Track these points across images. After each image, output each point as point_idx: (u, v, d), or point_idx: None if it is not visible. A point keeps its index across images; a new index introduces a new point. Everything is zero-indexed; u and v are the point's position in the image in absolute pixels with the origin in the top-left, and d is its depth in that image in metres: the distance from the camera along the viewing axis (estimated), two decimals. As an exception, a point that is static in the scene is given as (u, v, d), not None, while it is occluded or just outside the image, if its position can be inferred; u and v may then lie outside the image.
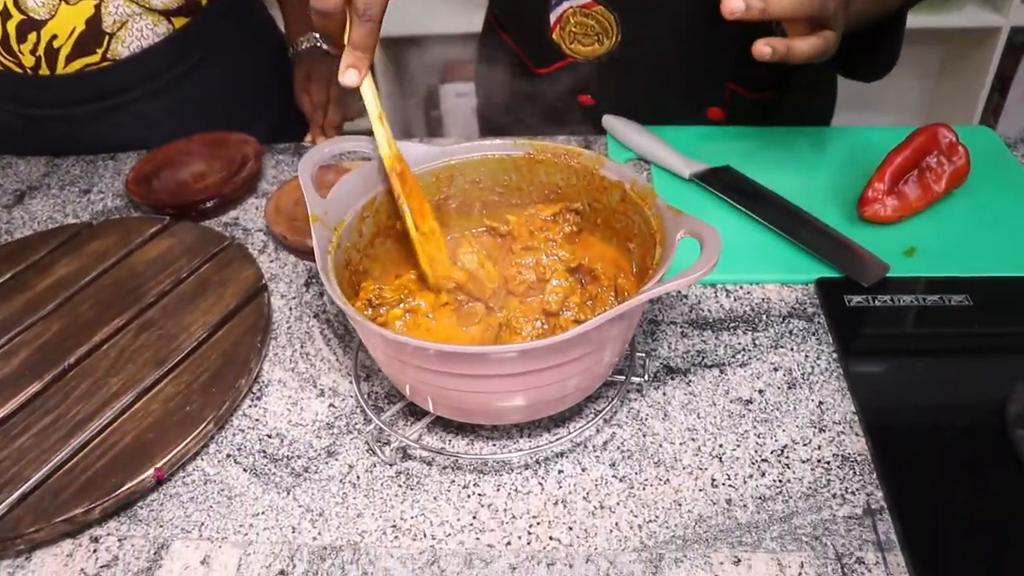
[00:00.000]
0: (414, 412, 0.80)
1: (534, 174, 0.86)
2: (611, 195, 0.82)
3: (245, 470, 0.76)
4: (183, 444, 0.75)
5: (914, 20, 1.02)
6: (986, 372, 0.83)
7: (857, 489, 0.72)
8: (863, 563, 0.67)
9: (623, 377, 0.80)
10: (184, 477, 0.76)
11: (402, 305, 0.79)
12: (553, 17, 1.14)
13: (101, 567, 0.69)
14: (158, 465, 0.73)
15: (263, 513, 0.73)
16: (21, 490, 0.71)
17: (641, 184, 0.79)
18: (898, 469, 0.73)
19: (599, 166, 0.82)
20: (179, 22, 1.19)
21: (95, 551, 0.70)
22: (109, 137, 1.22)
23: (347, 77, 0.78)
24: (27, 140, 1.23)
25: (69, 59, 1.13)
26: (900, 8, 1.00)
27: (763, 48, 0.83)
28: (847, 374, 0.82)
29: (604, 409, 0.78)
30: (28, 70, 1.14)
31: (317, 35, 1.34)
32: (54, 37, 1.11)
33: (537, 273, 0.82)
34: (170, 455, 0.74)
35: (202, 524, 0.72)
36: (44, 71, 1.14)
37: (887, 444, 0.75)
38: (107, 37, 1.14)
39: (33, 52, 1.12)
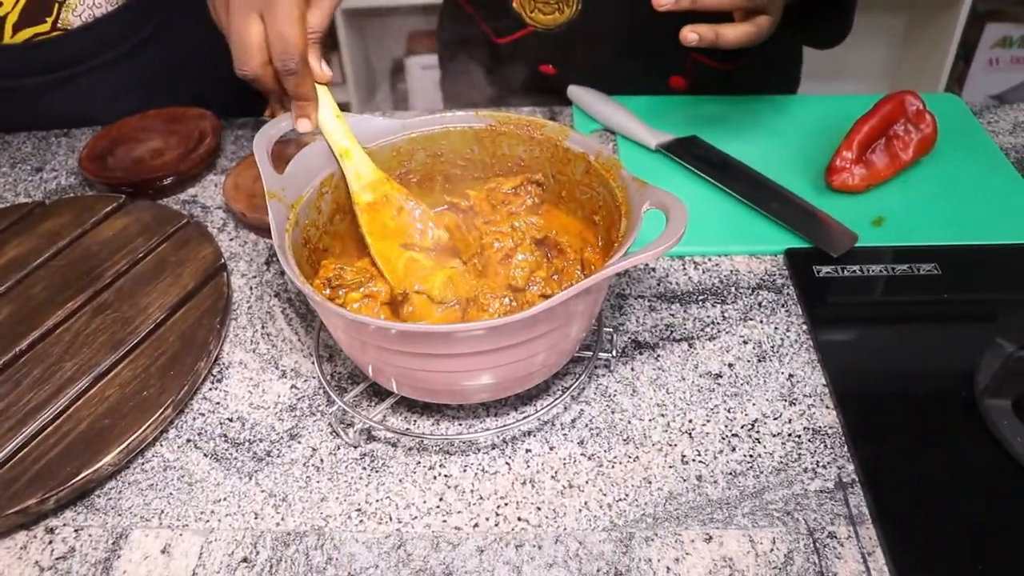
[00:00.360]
0: (378, 393, 0.79)
1: (497, 146, 0.85)
2: (575, 167, 0.80)
3: (206, 455, 0.75)
4: (141, 430, 0.73)
5: (879, -13, 1.02)
6: (955, 341, 0.82)
7: (828, 462, 0.72)
8: (835, 537, 0.66)
9: (591, 353, 0.79)
10: (143, 464, 0.74)
11: (362, 289, 0.77)
12: None
13: (57, 559, 0.67)
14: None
15: (225, 499, 0.71)
16: (-29, 481, 0.69)
17: (606, 155, 0.77)
18: (869, 441, 0.72)
19: (563, 137, 0.81)
20: (132, -9, 1.16)
21: (50, 542, 0.68)
22: (62, 111, 1.19)
23: (301, 126, 0.79)
24: (-25, 114, 1.20)
25: (17, 28, 1.09)
26: None
27: (689, 35, 0.83)
28: (817, 345, 0.81)
29: (572, 386, 0.76)
30: None
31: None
32: None
33: (515, 239, 0.80)
34: (128, 441, 0.72)
35: (162, 512, 0.70)
36: None
37: (857, 416, 0.74)
38: (57, 5, 1.10)
39: None
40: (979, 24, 2.56)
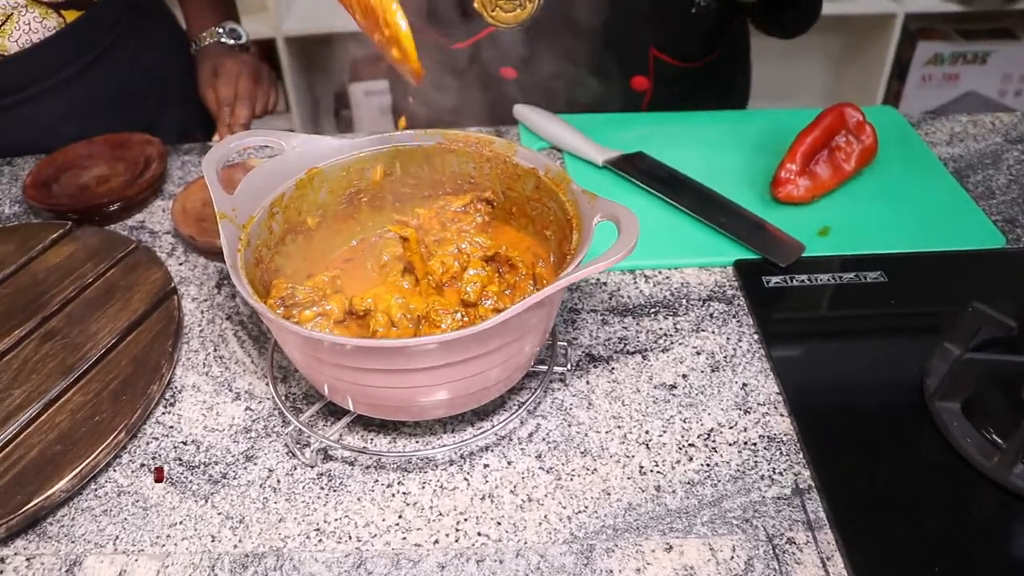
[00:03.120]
0: (334, 412, 0.78)
1: (447, 164, 0.85)
2: (525, 183, 0.81)
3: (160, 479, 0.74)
4: (94, 455, 0.72)
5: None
6: (904, 347, 0.84)
7: (784, 469, 0.73)
8: (794, 543, 0.67)
9: (545, 367, 0.79)
10: (96, 489, 0.73)
11: (315, 308, 0.77)
12: None
13: (9, 589, 0.66)
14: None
15: (181, 523, 0.70)
16: (-81, 513, 0.68)
17: (555, 170, 0.78)
18: (824, 447, 0.74)
19: (512, 153, 0.81)
20: (70, 16, 1.14)
21: (1, 572, 0.67)
22: (4, 140, 1.17)
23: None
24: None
25: None
26: None
27: None
28: (769, 355, 0.82)
29: (527, 400, 0.77)
30: None
31: (220, 30, 1.31)
32: None
33: (461, 262, 0.80)
34: (80, 467, 0.71)
35: (117, 537, 0.69)
36: None
37: (812, 423, 0.76)
38: None
39: None
40: (911, 43, 2.64)
